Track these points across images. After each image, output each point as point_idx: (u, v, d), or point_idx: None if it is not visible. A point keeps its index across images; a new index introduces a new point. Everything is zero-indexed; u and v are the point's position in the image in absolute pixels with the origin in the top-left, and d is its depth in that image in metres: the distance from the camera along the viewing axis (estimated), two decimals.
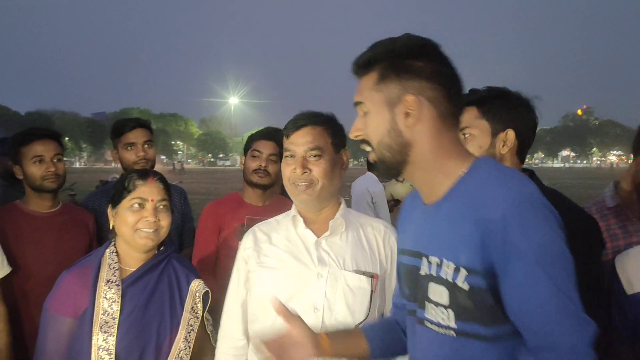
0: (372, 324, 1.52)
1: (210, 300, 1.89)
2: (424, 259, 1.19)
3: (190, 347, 1.81)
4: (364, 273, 1.64)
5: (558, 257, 1.05)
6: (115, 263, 1.81)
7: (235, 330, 1.78)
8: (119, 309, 1.73)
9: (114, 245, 1.86)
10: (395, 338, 1.43)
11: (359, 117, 1.23)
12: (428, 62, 1.16)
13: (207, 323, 1.89)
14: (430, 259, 1.17)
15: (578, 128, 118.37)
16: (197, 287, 1.87)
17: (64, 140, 2.97)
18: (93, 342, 1.70)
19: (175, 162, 73.29)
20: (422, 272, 1.20)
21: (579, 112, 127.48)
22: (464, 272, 1.09)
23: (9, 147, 2.49)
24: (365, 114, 1.21)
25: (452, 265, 1.11)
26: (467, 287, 1.09)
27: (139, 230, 1.77)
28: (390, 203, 5.32)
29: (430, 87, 1.15)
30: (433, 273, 1.16)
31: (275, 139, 2.47)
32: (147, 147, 2.69)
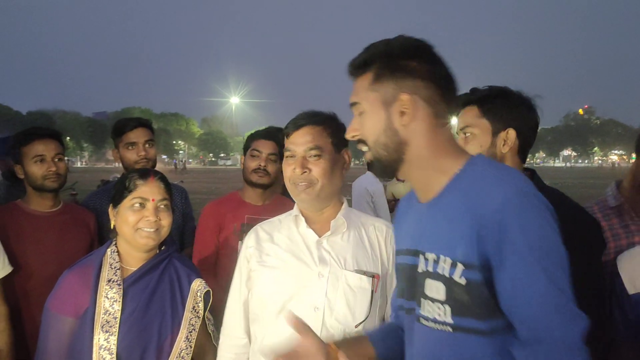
0: (373, 330, 1.52)
1: (211, 300, 1.89)
2: (421, 257, 1.20)
3: (192, 346, 1.81)
4: (365, 273, 1.63)
5: (552, 251, 1.05)
6: (117, 262, 1.81)
7: (237, 329, 1.77)
8: (120, 309, 1.74)
9: (115, 245, 1.86)
10: (397, 341, 1.43)
11: (355, 117, 1.25)
12: (422, 62, 1.18)
13: (208, 323, 1.89)
14: (427, 256, 1.18)
15: (579, 127, 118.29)
16: (198, 286, 1.87)
17: (65, 140, 2.97)
18: (94, 341, 1.70)
19: (177, 161, 73.32)
20: (419, 269, 1.20)
21: (581, 111, 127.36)
22: (461, 266, 1.10)
23: (10, 146, 2.49)
24: (361, 114, 1.23)
25: (448, 261, 1.12)
26: (464, 281, 1.09)
27: (140, 230, 1.77)
28: (392, 202, 5.32)
29: (425, 86, 1.17)
30: (430, 269, 1.16)
31: (275, 139, 2.47)
32: (148, 146, 2.69)
